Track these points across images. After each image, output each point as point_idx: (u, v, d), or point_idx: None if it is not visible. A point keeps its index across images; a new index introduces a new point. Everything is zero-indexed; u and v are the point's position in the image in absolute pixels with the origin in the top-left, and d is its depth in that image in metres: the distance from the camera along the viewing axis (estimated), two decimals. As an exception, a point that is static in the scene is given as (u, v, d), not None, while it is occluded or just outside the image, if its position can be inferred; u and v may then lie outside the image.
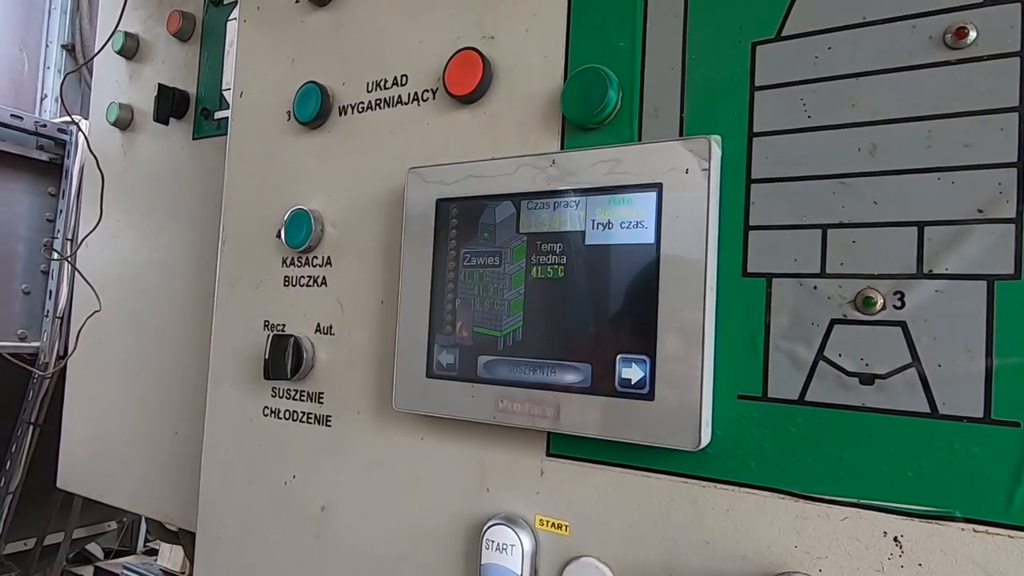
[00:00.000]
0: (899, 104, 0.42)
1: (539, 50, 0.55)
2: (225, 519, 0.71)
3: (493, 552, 0.52)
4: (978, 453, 0.39)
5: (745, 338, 0.46)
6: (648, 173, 0.47)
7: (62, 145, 1.71)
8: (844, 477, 0.42)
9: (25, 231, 1.69)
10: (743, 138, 0.47)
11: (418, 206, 0.57)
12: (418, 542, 0.58)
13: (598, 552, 0.50)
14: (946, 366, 0.40)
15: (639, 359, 0.47)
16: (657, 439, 0.46)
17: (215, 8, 0.99)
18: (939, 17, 0.42)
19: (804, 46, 0.45)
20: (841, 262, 0.43)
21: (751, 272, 0.46)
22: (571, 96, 0.52)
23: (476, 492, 0.56)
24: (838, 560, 0.42)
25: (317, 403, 0.65)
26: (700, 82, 0.49)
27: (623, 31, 0.52)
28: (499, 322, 0.52)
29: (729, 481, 0.46)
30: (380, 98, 0.64)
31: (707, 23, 0.49)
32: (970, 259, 0.40)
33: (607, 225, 0.48)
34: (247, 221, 0.73)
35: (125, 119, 1.06)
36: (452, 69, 0.58)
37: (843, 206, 0.43)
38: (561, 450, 0.52)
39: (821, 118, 0.45)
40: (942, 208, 0.41)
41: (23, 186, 1.69)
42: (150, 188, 1.03)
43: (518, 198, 0.52)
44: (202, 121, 0.99)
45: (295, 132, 0.70)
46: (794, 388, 0.44)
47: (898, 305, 0.42)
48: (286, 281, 0.69)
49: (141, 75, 1.07)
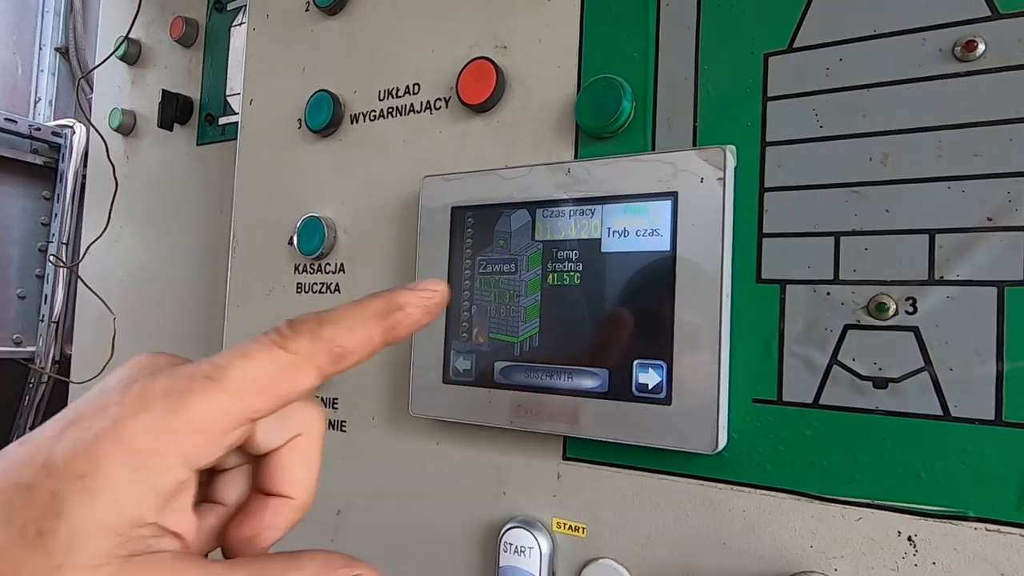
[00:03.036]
0: (910, 115, 0.43)
1: (552, 60, 0.56)
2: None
3: (511, 555, 0.53)
4: (990, 454, 0.40)
5: (760, 343, 0.47)
6: (664, 182, 0.48)
7: (56, 149, 1.70)
8: (859, 479, 0.43)
9: (19, 235, 1.68)
10: (756, 147, 0.48)
11: (433, 214, 0.58)
12: (435, 545, 0.59)
13: (615, 554, 0.51)
14: (958, 370, 0.41)
15: (656, 364, 0.47)
16: (675, 443, 0.47)
17: (219, 14, 0.99)
18: (948, 30, 0.43)
19: (816, 57, 0.47)
20: (854, 269, 0.44)
21: (765, 279, 0.47)
22: (585, 106, 0.53)
23: (493, 496, 0.56)
24: (853, 559, 0.43)
25: (332, 408, 0.66)
26: (713, 92, 0.50)
27: (636, 41, 0.53)
28: (515, 328, 0.53)
29: (745, 483, 0.47)
30: (392, 106, 0.64)
31: (719, 34, 0.50)
32: (980, 266, 0.41)
33: (623, 233, 0.49)
34: (258, 228, 0.73)
35: (128, 125, 1.06)
36: (465, 78, 0.59)
37: (855, 214, 0.44)
38: (577, 454, 0.53)
39: (833, 128, 0.46)
40: (953, 216, 0.42)
41: (17, 190, 1.68)
42: (154, 194, 1.03)
43: (533, 206, 0.53)
44: (206, 127, 0.99)
45: (306, 140, 0.70)
46: (809, 392, 0.45)
47: (910, 311, 0.43)
48: (299, 288, 0.69)
49: (144, 81, 1.07)
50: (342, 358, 0.28)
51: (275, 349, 0.27)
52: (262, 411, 0.27)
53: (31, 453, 0.25)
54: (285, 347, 0.27)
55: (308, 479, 0.30)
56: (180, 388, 0.25)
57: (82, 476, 0.24)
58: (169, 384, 0.25)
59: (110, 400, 0.25)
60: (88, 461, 0.24)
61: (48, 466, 0.24)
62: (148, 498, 0.24)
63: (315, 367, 0.28)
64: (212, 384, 0.25)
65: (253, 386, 0.26)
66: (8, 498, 0.24)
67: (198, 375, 0.26)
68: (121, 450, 0.24)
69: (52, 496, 0.23)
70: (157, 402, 0.25)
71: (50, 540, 0.23)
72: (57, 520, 0.23)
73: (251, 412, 0.26)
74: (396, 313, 0.30)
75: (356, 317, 0.29)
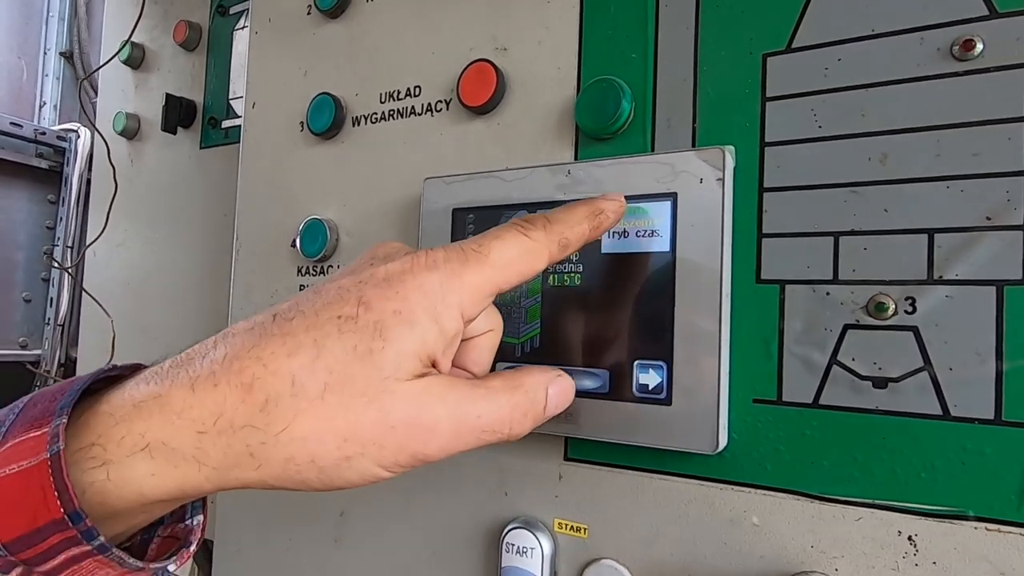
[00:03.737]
0: (908, 114, 0.44)
1: (552, 61, 0.57)
2: (243, 528, 0.72)
3: (513, 555, 0.53)
4: (990, 453, 0.40)
5: (760, 343, 0.47)
6: (663, 183, 0.48)
7: (61, 152, 1.71)
8: (859, 478, 0.43)
9: (25, 239, 1.69)
10: (755, 148, 0.48)
11: (434, 215, 0.58)
12: (437, 546, 0.59)
13: (617, 554, 0.51)
14: (957, 369, 0.41)
15: (656, 365, 0.48)
16: (675, 443, 0.47)
17: (221, 18, 1.00)
18: (946, 29, 0.43)
19: (814, 57, 0.47)
20: (853, 268, 0.44)
21: (765, 279, 0.47)
22: (585, 107, 0.53)
23: (495, 496, 0.56)
24: (854, 559, 0.43)
25: (334, 410, 0.66)
26: (712, 93, 0.50)
27: (635, 43, 0.53)
28: (517, 329, 0.53)
29: (746, 483, 0.47)
30: (393, 109, 0.65)
31: (718, 35, 0.50)
32: (979, 265, 0.41)
33: (623, 234, 0.49)
34: (261, 230, 0.74)
35: (132, 128, 1.07)
36: (466, 80, 0.59)
37: (854, 214, 0.45)
38: (579, 454, 0.53)
39: (832, 128, 0.46)
40: (951, 215, 0.42)
41: (23, 194, 1.68)
42: (158, 197, 1.03)
43: (534, 207, 0.53)
44: (209, 130, 0.99)
45: (309, 143, 0.70)
46: (808, 392, 0.45)
47: (910, 310, 0.43)
48: (302, 290, 0.70)
49: (147, 85, 1.08)
50: (566, 247, 0.37)
51: (521, 236, 0.35)
52: (511, 283, 0.35)
53: (339, 294, 0.32)
54: (528, 234, 0.36)
55: (488, 362, 0.40)
56: (458, 258, 0.33)
57: (398, 312, 0.31)
58: (449, 254, 0.34)
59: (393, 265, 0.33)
60: (401, 302, 0.31)
61: (366, 303, 0.31)
62: (440, 337, 0.32)
63: (547, 252, 0.36)
64: (482, 257, 0.34)
65: (508, 262, 0.34)
66: (337, 326, 0.30)
67: (469, 250, 0.34)
68: (423, 297, 0.32)
69: (375, 325, 0.31)
70: (443, 266, 0.33)
71: (379, 356, 0.30)
72: (384, 342, 0.30)
73: (504, 283, 0.35)
74: (599, 215, 0.40)
75: (574, 215, 0.39)
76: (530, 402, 0.35)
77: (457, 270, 0.33)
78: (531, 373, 0.36)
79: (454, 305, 0.32)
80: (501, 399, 0.34)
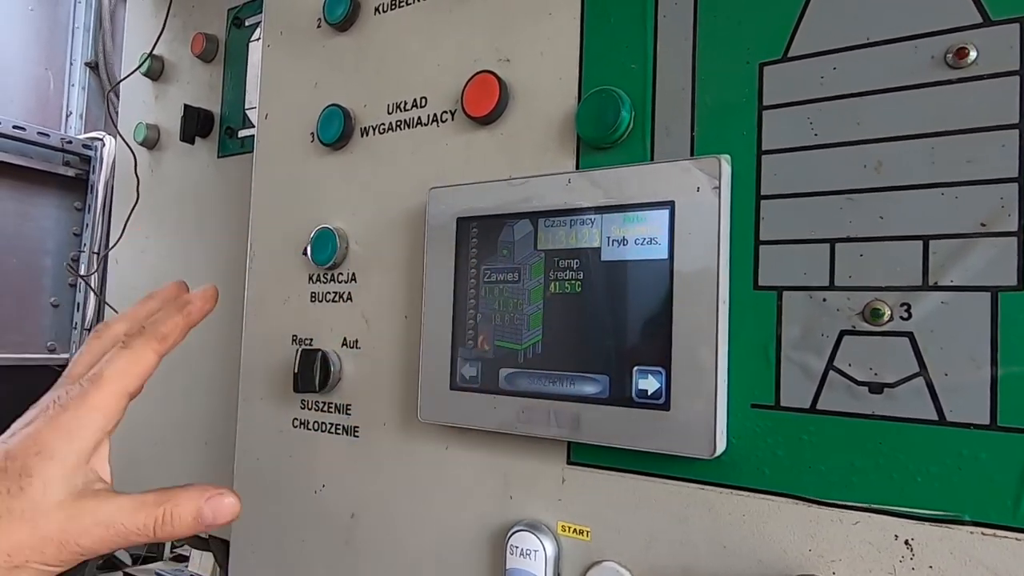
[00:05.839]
0: (903, 122, 0.44)
1: (553, 72, 0.57)
2: (258, 528, 0.74)
3: (517, 557, 0.54)
4: (985, 458, 0.40)
5: (757, 349, 0.47)
6: (661, 191, 0.49)
7: (87, 161, 1.75)
8: (856, 483, 0.44)
9: (53, 245, 1.74)
10: (752, 156, 0.49)
11: (439, 224, 0.59)
12: (444, 548, 0.60)
13: (618, 557, 0.52)
14: (952, 375, 0.42)
15: (655, 370, 0.48)
16: (674, 448, 0.47)
17: (237, 30, 1.02)
18: (940, 38, 0.43)
19: (810, 66, 0.47)
20: (849, 275, 0.45)
21: (762, 285, 0.48)
22: (585, 117, 0.54)
23: (500, 499, 0.58)
24: (851, 563, 0.44)
25: (345, 415, 0.68)
26: (710, 102, 0.51)
27: (634, 53, 0.54)
28: (519, 336, 0.54)
29: (744, 487, 0.47)
30: (400, 120, 0.66)
31: (716, 45, 0.51)
32: (974, 271, 0.41)
33: (622, 242, 0.50)
34: (274, 239, 0.76)
35: (152, 138, 1.10)
36: (470, 91, 0.60)
37: (850, 221, 0.45)
38: (581, 458, 0.54)
39: (828, 136, 0.46)
40: (946, 222, 0.42)
41: (51, 201, 1.73)
42: (178, 205, 1.06)
43: (536, 216, 0.54)
44: (226, 140, 1.02)
45: (319, 153, 0.72)
46: (806, 397, 0.46)
47: (905, 316, 0.43)
48: (313, 297, 0.71)
49: (167, 95, 1.10)
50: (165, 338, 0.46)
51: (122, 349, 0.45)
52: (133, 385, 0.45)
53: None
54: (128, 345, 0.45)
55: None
56: (78, 391, 0.42)
57: (38, 452, 0.40)
58: (71, 390, 0.43)
59: (34, 414, 0.42)
60: (36, 442, 0.40)
61: (9, 454, 0.40)
62: (81, 456, 0.41)
63: (151, 348, 0.46)
64: (96, 379, 0.43)
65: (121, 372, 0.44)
66: None
67: (85, 380, 0.43)
68: (56, 431, 0.41)
69: (22, 467, 0.39)
70: (70, 402, 0.42)
71: (28, 489, 0.39)
72: (31, 478, 0.39)
73: (128, 387, 0.44)
74: (188, 306, 0.49)
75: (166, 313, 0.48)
76: (176, 515, 0.42)
77: (80, 399, 0.42)
78: (187, 491, 0.43)
79: (87, 426, 0.41)
80: (146, 511, 0.42)
